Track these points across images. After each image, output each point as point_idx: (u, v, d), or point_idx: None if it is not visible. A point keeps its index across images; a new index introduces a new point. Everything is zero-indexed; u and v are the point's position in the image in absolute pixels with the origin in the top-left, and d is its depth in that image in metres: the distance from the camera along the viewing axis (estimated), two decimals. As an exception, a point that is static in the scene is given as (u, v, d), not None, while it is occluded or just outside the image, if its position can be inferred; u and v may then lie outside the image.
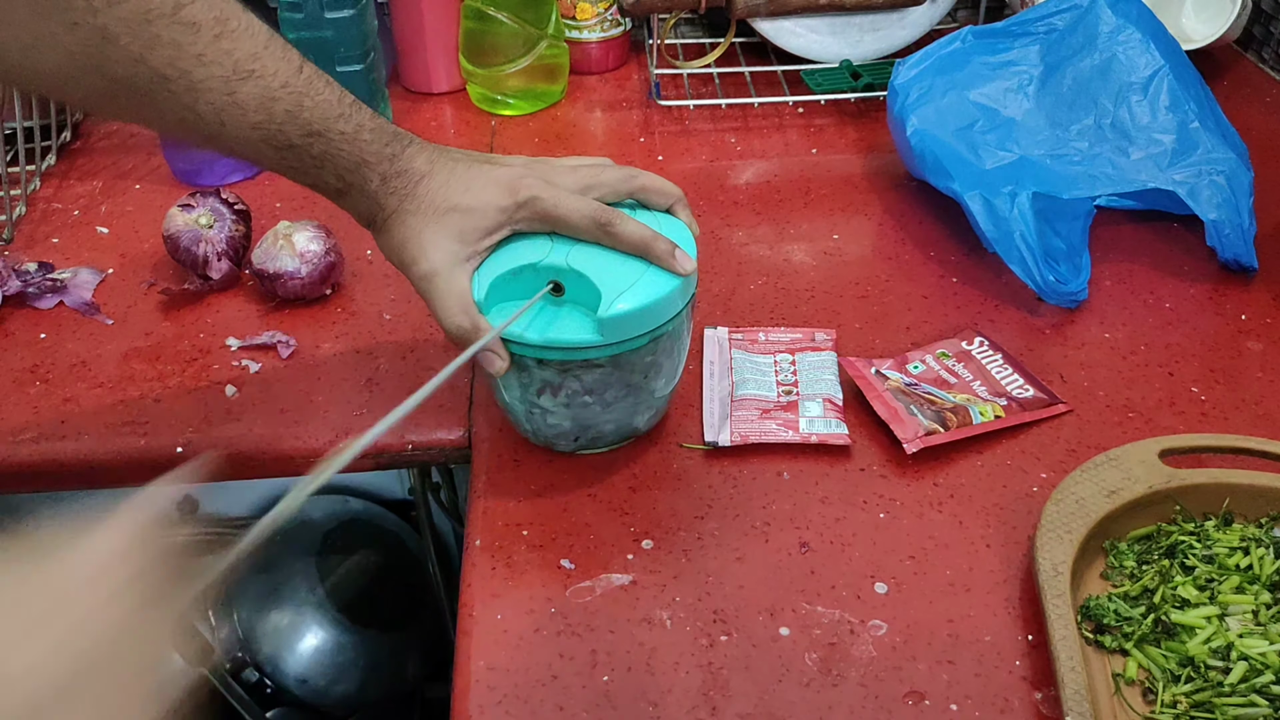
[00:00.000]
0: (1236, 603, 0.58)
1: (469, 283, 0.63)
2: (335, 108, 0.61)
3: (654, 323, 0.63)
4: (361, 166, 0.62)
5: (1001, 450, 0.70)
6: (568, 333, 0.62)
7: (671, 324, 0.64)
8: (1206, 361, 0.77)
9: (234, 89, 0.58)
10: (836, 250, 0.90)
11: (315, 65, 0.62)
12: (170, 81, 0.57)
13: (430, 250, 0.62)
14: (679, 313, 0.64)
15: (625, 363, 0.63)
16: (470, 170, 0.64)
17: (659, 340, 0.64)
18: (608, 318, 0.61)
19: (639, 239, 0.62)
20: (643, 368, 0.64)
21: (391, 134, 0.63)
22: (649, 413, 0.69)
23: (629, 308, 0.61)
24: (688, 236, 0.65)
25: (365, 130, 0.62)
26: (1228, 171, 0.83)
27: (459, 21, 1.09)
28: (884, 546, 0.64)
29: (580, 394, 0.64)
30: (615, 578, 0.62)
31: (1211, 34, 1.09)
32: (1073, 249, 0.83)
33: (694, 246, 0.65)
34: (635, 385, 0.65)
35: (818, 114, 1.10)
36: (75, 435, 0.73)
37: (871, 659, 0.58)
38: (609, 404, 0.65)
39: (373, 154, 0.62)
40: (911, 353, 0.77)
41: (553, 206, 0.62)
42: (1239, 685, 0.54)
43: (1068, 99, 0.89)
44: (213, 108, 0.58)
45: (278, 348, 0.80)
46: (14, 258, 0.89)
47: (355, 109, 0.62)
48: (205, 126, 0.59)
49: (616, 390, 0.65)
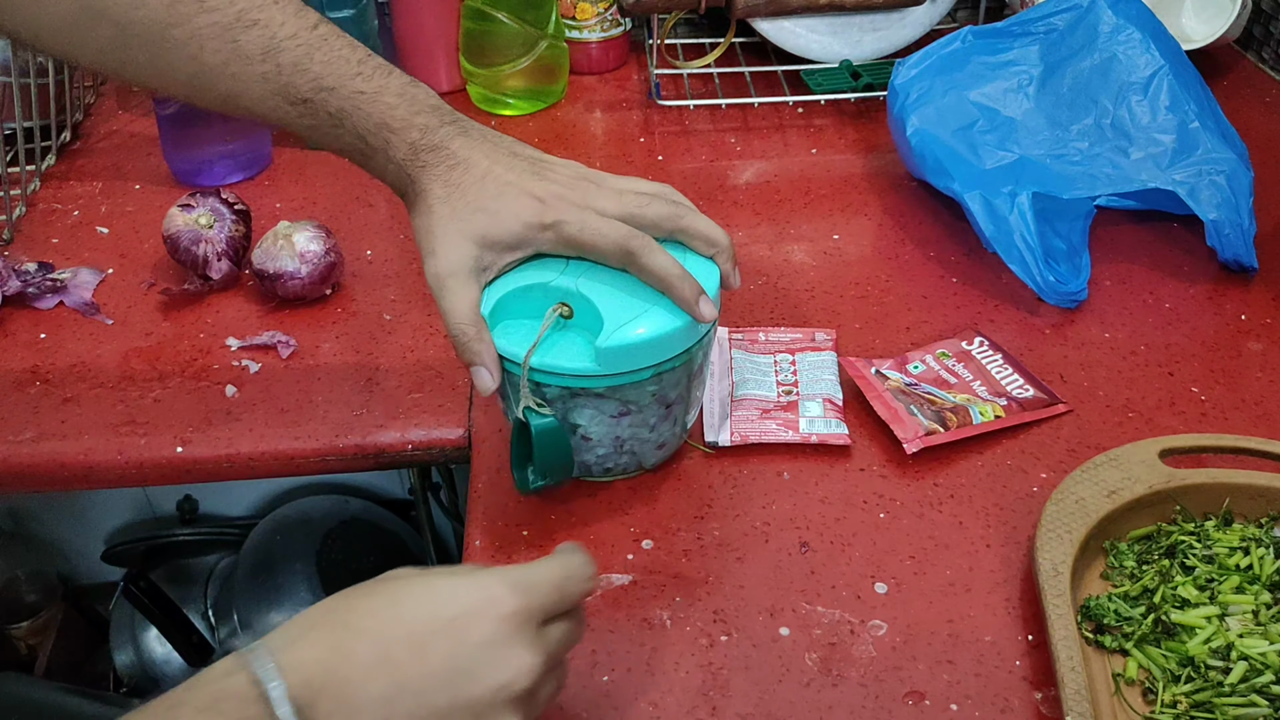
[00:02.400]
0: (1236, 603, 0.58)
1: (480, 293, 0.60)
2: (351, 65, 0.59)
3: (659, 357, 0.60)
4: (384, 130, 0.60)
5: (1001, 450, 0.70)
6: (564, 359, 0.60)
7: (680, 360, 0.62)
8: (1206, 361, 0.77)
9: (237, 36, 0.57)
10: (836, 250, 0.90)
11: (340, 29, 0.61)
12: (173, 28, 0.56)
13: (451, 249, 0.60)
14: (689, 349, 0.62)
15: (627, 396, 0.61)
16: (510, 172, 0.60)
17: (663, 376, 0.62)
18: (606, 348, 0.58)
19: (663, 274, 0.59)
20: (647, 402, 0.63)
21: (429, 106, 0.61)
22: (657, 449, 0.67)
23: (629, 339, 0.59)
24: (714, 280, 0.62)
25: (390, 93, 0.60)
26: (1228, 171, 0.83)
27: (459, 21, 1.08)
28: (884, 546, 0.64)
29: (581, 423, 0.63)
30: (615, 578, 0.62)
31: (1211, 34, 1.09)
32: (1073, 249, 0.83)
33: (716, 288, 0.62)
34: (643, 419, 0.63)
35: (818, 114, 1.10)
36: (75, 435, 0.73)
37: (871, 659, 0.58)
38: (613, 435, 0.64)
39: (399, 119, 0.60)
40: (911, 353, 0.77)
41: (578, 232, 0.60)
42: (1239, 685, 0.54)
43: (1068, 99, 0.89)
44: (219, 58, 0.57)
45: (277, 348, 0.80)
46: (14, 258, 0.89)
47: (382, 72, 0.60)
48: (217, 81, 0.58)
49: (620, 421, 0.63)
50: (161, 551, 1.23)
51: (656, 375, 0.61)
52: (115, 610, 1.19)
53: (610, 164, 1.03)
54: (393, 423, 0.73)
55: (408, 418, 0.74)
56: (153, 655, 1.15)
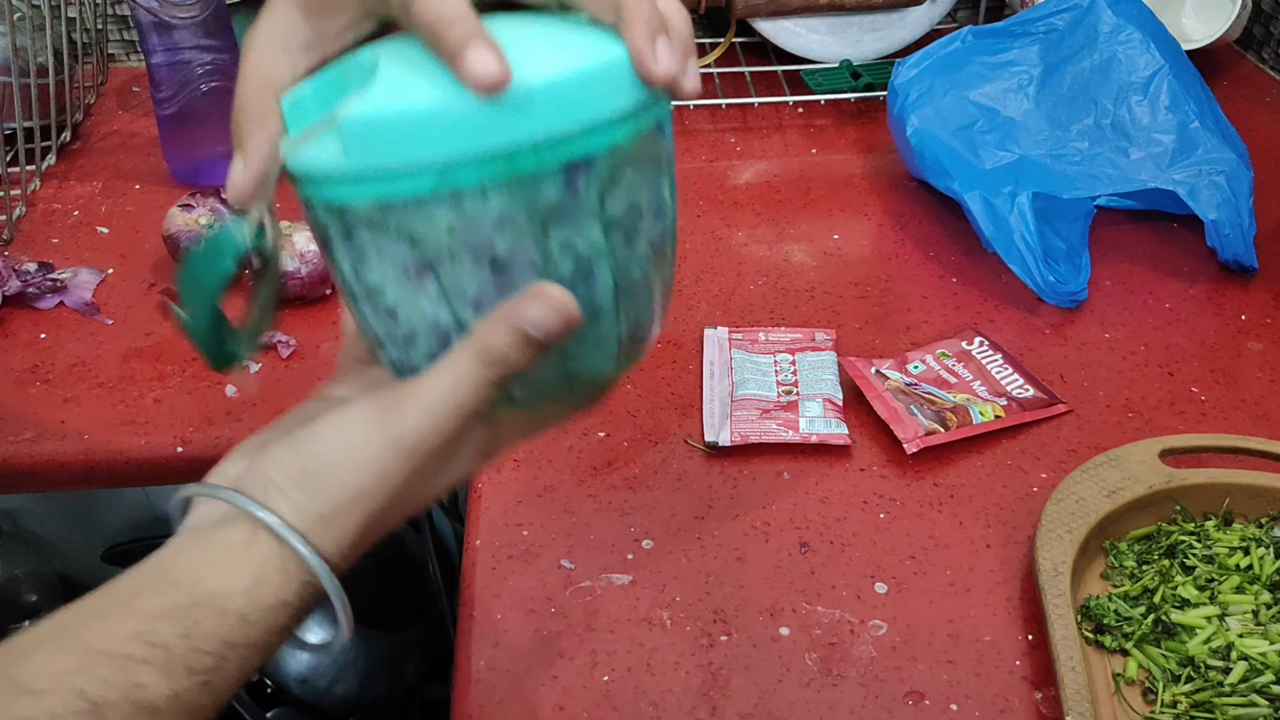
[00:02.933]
0: (1236, 603, 0.58)
1: (288, 71, 0.40)
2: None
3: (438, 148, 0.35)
4: None
5: (1001, 450, 0.70)
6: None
7: (615, 131, 0.37)
8: (1206, 361, 0.77)
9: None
10: (836, 250, 0.90)
11: None
12: None
13: (265, 15, 0.41)
14: (625, 112, 0.37)
15: (527, 197, 0.36)
16: None
17: (587, 167, 0.37)
18: (353, 119, 0.36)
19: (423, 19, 0.36)
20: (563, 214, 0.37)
21: None
22: (599, 348, 0.41)
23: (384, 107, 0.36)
24: (603, 51, 0.37)
25: None
26: (1228, 171, 0.83)
27: (459, 21, 1.08)
28: (884, 546, 0.64)
29: (427, 261, 0.37)
30: (615, 578, 0.62)
31: (1211, 34, 1.09)
32: (1073, 249, 0.83)
33: (600, 61, 0.37)
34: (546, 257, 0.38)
35: (818, 114, 1.10)
36: (75, 435, 0.73)
37: (872, 659, 0.58)
38: (480, 291, 0.38)
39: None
40: (911, 353, 0.77)
41: None
42: (1239, 685, 0.54)
43: (1068, 99, 0.89)
44: None
45: (277, 348, 0.80)
46: (14, 258, 0.89)
47: None
48: None
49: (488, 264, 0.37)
50: (161, 552, 1.22)
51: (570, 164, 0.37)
52: (115, 610, 1.18)
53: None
54: (393, 423, 0.73)
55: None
56: (152, 655, 1.15)
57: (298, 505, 0.39)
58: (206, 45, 0.93)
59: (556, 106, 0.36)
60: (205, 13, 0.91)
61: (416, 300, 0.38)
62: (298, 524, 0.39)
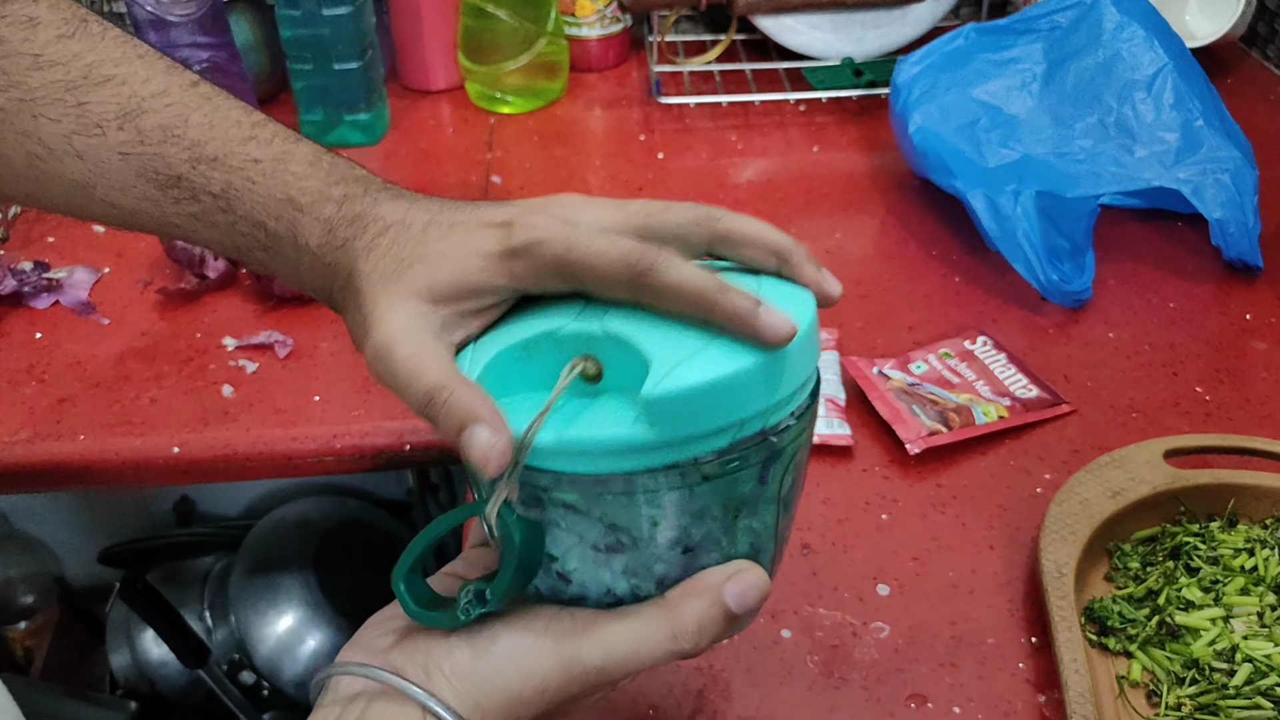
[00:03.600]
0: (1241, 604, 0.57)
1: (448, 352, 0.42)
2: (243, 129, 0.44)
3: (731, 415, 0.38)
4: (288, 207, 0.44)
5: (1005, 451, 0.70)
6: (602, 429, 0.38)
7: (759, 421, 0.39)
8: (1211, 361, 0.77)
9: (84, 97, 0.43)
10: (838, 249, 0.89)
11: (227, 92, 0.46)
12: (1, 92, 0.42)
13: (388, 315, 0.41)
14: (776, 406, 0.39)
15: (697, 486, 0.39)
16: (459, 214, 0.43)
17: (745, 452, 0.39)
18: (657, 397, 0.37)
19: (692, 289, 0.39)
20: (722, 500, 0.40)
21: (349, 175, 0.45)
22: None
23: (689, 383, 0.37)
24: (806, 304, 0.42)
25: (296, 160, 0.44)
26: (1233, 170, 0.82)
27: (457, 18, 1.08)
28: (886, 548, 0.63)
29: (617, 537, 0.40)
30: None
31: (1216, 31, 1.09)
32: (1076, 248, 0.82)
33: (812, 317, 0.41)
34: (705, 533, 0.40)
35: (819, 112, 1.10)
36: (71, 435, 0.73)
37: (874, 661, 0.57)
38: (659, 557, 0.40)
39: (308, 190, 0.44)
40: (914, 352, 0.76)
41: (566, 250, 0.40)
42: (1243, 687, 0.53)
43: (1071, 97, 0.88)
44: (60, 128, 0.43)
45: (275, 348, 0.79)
46: (9, 257, 0.89)
47: (285, 138, 0.45)
48: (61, 164, 0.43)
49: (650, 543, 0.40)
50: (158, 553, 1.22)
51: (734, 447, 0.39)
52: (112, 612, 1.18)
53: (610, 162, 1.03)
54: (391, 423, 0.73)
55: (406, 418, 0.73)
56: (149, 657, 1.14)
57: (459, 692, 0.40)
58: (204, 43, 0.93)
59: (788, 390, 0.39)
60: (202, 10, 0.91)
61: (597, 572, 0.41)
62: (460, 709, 0.40)
